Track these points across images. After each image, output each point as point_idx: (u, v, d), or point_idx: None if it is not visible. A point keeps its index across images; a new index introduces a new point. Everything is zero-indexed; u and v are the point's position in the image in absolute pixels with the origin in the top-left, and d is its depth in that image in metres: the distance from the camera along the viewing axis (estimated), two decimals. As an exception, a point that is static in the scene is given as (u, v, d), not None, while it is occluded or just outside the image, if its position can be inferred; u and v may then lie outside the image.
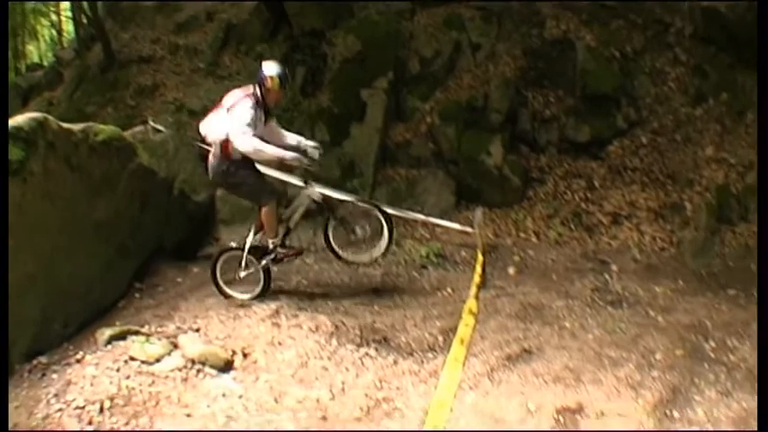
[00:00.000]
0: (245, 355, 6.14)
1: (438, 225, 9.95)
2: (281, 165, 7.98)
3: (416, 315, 7.10)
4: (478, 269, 7.83)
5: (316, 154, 7.53)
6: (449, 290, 8.20)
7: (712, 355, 6.68)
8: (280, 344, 6.32)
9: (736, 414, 5.56)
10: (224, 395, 5.55)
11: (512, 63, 12.88)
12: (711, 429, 5.28)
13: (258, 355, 6.15)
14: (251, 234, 7.67)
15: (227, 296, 7.70)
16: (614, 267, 9.35)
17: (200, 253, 9.92)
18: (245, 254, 7.62)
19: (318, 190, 7.67)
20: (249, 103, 7.06)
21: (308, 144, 7.66)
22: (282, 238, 7.70)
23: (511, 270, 8.64)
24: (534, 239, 10.36)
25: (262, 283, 7.70)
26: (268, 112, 7.45)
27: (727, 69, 12.26)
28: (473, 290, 7.00)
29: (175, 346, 6.20)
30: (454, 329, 5.82)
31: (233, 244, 8.01)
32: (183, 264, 9.18)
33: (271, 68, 7.29)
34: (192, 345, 6.18)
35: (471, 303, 6.45)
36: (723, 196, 10.70)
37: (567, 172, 11.52)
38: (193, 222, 10.17)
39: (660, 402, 5.58)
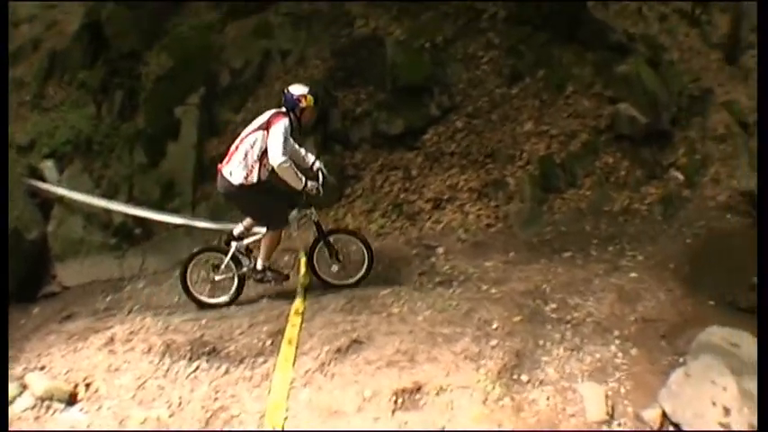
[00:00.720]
0: (87, 386, 6.14)
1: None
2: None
3: (243, 323, 7.02)
4: (302, 270, 8.20)
5: (326, 178, 7.94)
6: (274, 294, 8.10)
7: (554, 316, 6.92)
8: (117, 370, 6.33)
9: (590, 366, 5.85)
10: (73, 427, 5.56)
11: (321, 65, 12.52)
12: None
13: (99, 383, 6.15)
14: (237, 231, 7.91)
15: (195, 300, 7.81)
16: (440, 250, 9.33)
17: (40, 293, 9.82)
18: (227, 258, 7.72)
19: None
20: (286, 122, 7.23)
21: (320, 166, 7.99)
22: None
23: (334, 268, 8.22)
24: None
25: (234, 289, 7.83)
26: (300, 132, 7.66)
27: (544, 47, 12.46)
28: (298, 290, 7.71)
29: (24, 386, 6.10)
30: (282, 331, 6.43)
31: (213, 244, 8.47)
32: (24, 305, 9.22)
33: (301, 89, 7.54)
34: (38, 383, 6.08)
35: (297, 304, 7.21)
36: (547, 166, 10.97)
37: (383, 165, 11.19)
38: (29, 262, 9.91)
39: (504, 369, 5.72)
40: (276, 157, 7.02)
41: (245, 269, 7.75)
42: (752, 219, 10.99)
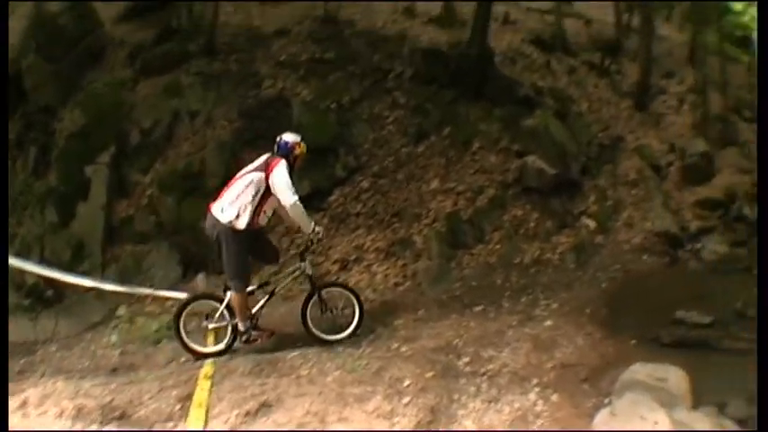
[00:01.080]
0: (0, 449, 5.62)
1: (168, 297, 9.58)
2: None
3: (153, 387, 6.63)
4: (209, 337, 7.82)
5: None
6: (183, 359, 7.74)
7: (468, 370, 6.71)
8: (30, 434, 5.87)
9: (509, 416, 5.58)
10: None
11: (228, 126, 12.31)
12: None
13: (13, 447, 5.67)
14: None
15: (189, 349, 7.48)
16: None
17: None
18: (222, 307, 7.44)
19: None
20: (285, 165, 7.16)
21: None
22: (259, 309, 7.74)
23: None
24: (261, 298, 9.11)
25: (228, 339, 7.51)
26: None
27: (450, 104, 12.63)
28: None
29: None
30: (191, 396, 6.09)
31: (207, 292, 8.17)
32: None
33: (294, 137, 7.58)
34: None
35: (207, 368, 6.87)
36: (454, 222, 10.86)
37: (288, 228, 10.62)
38: None
39: (419, 425, 5.43)
40: (289, 197, 7.01)
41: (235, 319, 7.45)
42: (668, 258, 11.16)
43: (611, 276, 10.22)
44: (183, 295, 8.89)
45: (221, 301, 7.43)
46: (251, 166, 7.27)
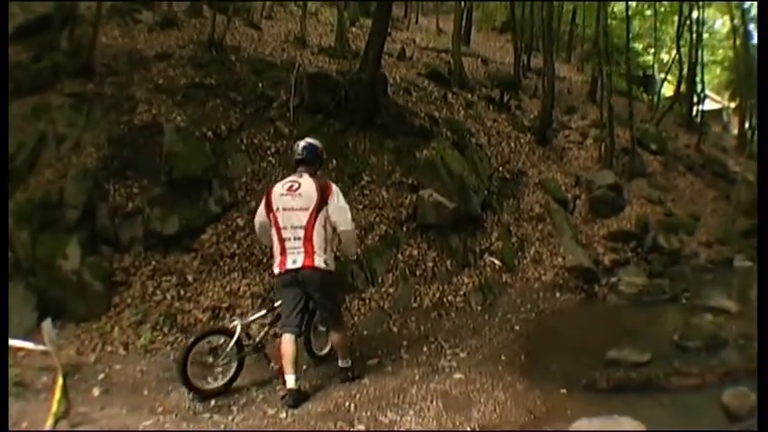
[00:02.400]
0: None
1: (20, 348, 8.26)
2: None
3: None
4: (57, 395, 6.78)
5: None
6: (25, 424, 6.70)
7: None
8: None
9: None
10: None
11: (95, 153, 10.92)
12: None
13: None
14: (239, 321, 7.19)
15: (194, 389, 6.86)
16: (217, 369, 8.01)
17: None
18: (232, 341, 7.00)
19: None
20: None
21: None
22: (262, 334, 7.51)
23: (96, 391, 7.28)
24: (122, 351, 8.65)
25: (233, 372, 7.11)
26: None
27: (337, 135, 11.85)
28: (50, 421, 6.35)
29: None
30: None
31: (221, 326, 7.84)
32: None
33: (314, 140, 7.32)
34: None
35: None
36: (340, 264, 9.34)
37: (155, 270, 9.68)
38: None
39: None
40: (350, 223, 6.71)
41: (245, 352, 7.13)
42: (584, 293, 10.73)
43: (523, 317, 9.62)
44: (28, 345, 7.77)
45: (232, 336, 7.01)
46: (308, 199, 6.61)
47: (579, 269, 11.21)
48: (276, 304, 7.22)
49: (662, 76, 29.15)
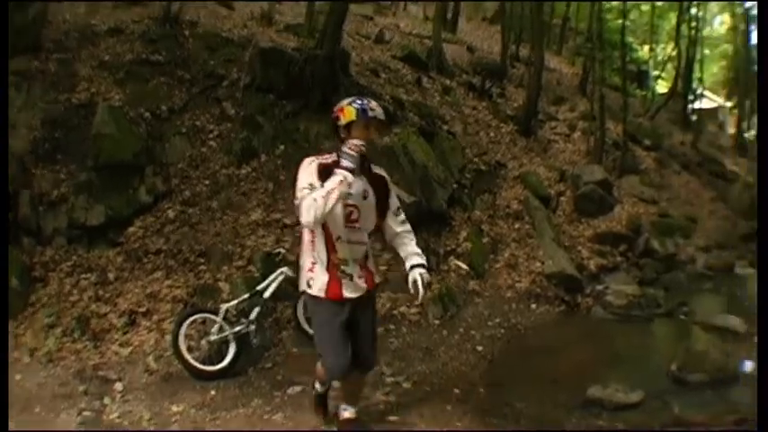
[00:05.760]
0: None
1: None
2: None
3: None
4: None
5: None
6: None
7: None
8: None
9: None
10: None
11: (27, 135, 10.17)
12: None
13: None
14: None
15: (193, 369, 6.93)
16: (119, 386, 7.20)
17: None
18: (219, 319, 7.03)
19: None
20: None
21: None
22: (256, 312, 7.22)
23: None
24: (27, 358, 7.82)
25: (232, 353, 7.01)
26: None
27: (288, 117, 10.91)
28: None
29: None
30: None
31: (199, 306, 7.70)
32: None
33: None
34: None
35: None
36: (274, 266, 8.48)
37: (75, 265, 8.88)
38: None
39: None
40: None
41: (238, 328, 7.06)
42: (564, 305, 9.64)
43: (489, 335, 8.49)
44: None
45: (217, 313, 7.08)
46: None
47: (560, 276, 10.17)
48: (259, 287, 7.22)
49: (656, 72, 28.67)
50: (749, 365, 7.03)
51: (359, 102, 4.58)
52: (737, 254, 14.32)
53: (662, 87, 28.45)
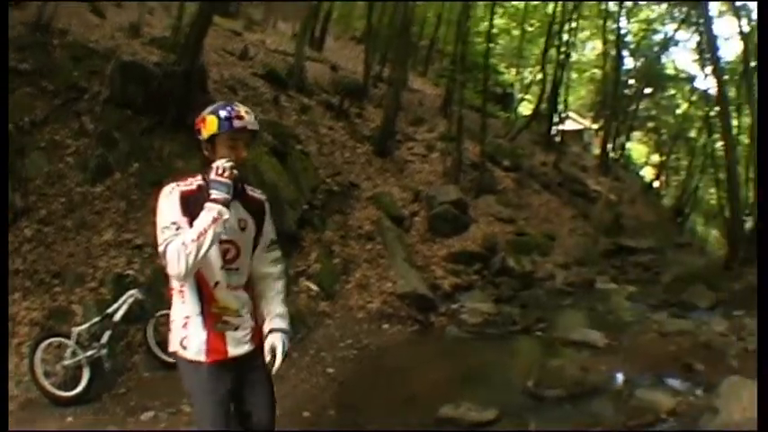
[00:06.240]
0: None
1: None
2: None
3: None
4: None
5: None
6: None
7: None
8: None
9: None
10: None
11: None
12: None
13: None
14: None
15: (49, 395, 6.81)
16: None
17: None
18: (72, 343, 6.89)
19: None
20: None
21: None
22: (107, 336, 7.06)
23: None
24: None
25: (87, 379, 6.87)
26: None
27: (144, 135, 10.45)
28: None
29: None
30: None
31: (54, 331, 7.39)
32: None
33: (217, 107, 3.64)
34: None
35: None
36: (124, 288, 8.33)
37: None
38: None
39: None
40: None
41: (90, 352, 6.88)
42: (418, 325, 9.55)
43: (341, 356, 8.44)
44: None
45: (69, 337, 6.96)
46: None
47: (412, 295, 10.08)
48: (109, 310, 7.13)
49: (522, 95, 29.44)
50: (620, 378, 7.14)
51: (223, 109, 3.50)
52: (599, 269, 14.59)
53: (527, 109, 29.14)
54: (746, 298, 10.64)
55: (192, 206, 3.31)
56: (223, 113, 3.37)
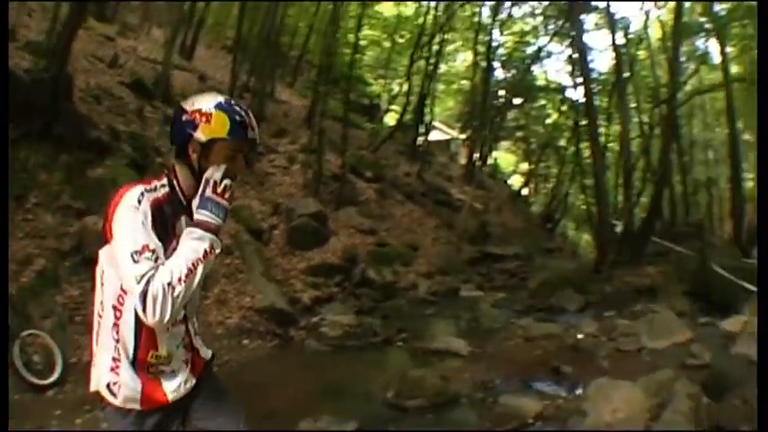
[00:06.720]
0: None
1: None
2: None
3: None
4: None
5: None
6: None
7: None
8: None
9: None
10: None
11: None
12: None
13: None
14: None
15: (27, 382, 6.99)
16: None
17: None
18: (47, 338, 7.41)
19: None
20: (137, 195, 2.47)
21: None
22: None
23: None
24: None
25: (59, 369, 7.34)
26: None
27: (12, 145, 9.49)
28: None
29: None
30: None
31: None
32: None
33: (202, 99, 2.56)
34: None
35: None
36: None
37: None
38: None
39: None
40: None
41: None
42: (277, 339, 9.50)
43: None
44: None
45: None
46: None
47: (271, 310, 10.03)
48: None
49: (388, 106, 29.47)
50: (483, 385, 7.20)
51: (234, 110, 2.50)
52: (464, 278, 14.79)
53: (393, 120, 29.05)
54: (617, 299, 11.09)
55: (159, 221, 2.41)
56: (237, 116, 2.47)
